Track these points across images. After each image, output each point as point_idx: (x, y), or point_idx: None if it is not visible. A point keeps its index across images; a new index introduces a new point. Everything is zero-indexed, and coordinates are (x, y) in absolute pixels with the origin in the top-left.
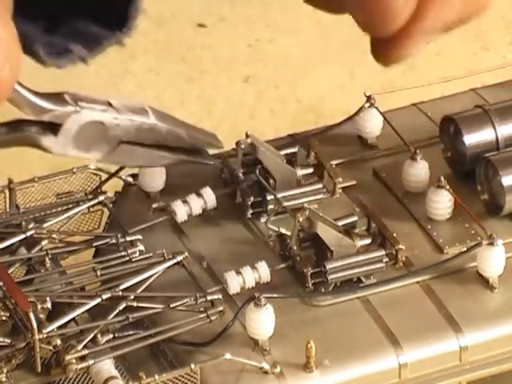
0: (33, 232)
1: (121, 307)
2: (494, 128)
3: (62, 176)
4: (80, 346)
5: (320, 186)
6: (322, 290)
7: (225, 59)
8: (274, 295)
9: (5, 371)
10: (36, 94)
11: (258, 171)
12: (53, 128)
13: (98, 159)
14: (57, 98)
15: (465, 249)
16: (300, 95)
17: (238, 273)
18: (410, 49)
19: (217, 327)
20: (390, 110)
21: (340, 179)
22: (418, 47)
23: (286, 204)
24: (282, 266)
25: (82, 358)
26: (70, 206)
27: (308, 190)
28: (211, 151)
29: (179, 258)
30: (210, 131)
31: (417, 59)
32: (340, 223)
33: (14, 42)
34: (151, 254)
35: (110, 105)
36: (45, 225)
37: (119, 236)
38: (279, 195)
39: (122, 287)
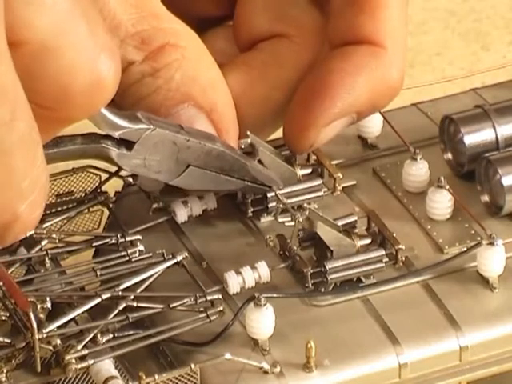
0: (32, 232)
1: (121, 307)
2: (494, 128)
3: (62, 176)
4: (80, 346)
5: (320, 181)
6: (322, 289)
7: None
8: (274, 295)
9: (4, 371)
10: (112, 111)
11: None
12: (126, 145)
13: (166, 181)
14: (131, 116)
15: (465, 249)
16: None
17: (238, 273)
18: (319, 138)
19: (217, 327)
20: (390, 109)
21: (340, 174)
22: (328, 136)
23: (286, 201)
24: (282, 265)
25: (82, 358)
26: (70, 206)
27: (308, 186)
28: None
29: (179, 258)
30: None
31: (417, 59)
32: (340, 223)
33: (115, 44)
34: (151, 254)
35: (181, 128)
36: (44, 225)
37: (119, 236)
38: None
39: (121, 287)
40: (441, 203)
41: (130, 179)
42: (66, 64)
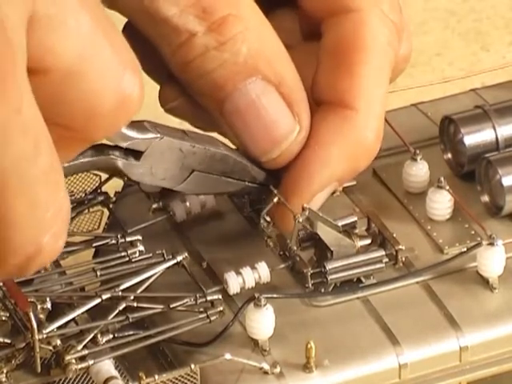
0: None
1: (121, 307)
2: (494, 128)
3: None
4: (80, 346)
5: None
6: (322, 290)
7: None
8: (274, 295)
9: (4, 371)
10: None
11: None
12: (134, 155)
13: (170, 187)
14: (138, 126)
15: (465, 249)
16: None
17: (238, 273)
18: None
19: (217, 327)
20: (390, 110)
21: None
22: (315, 207)
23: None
24: (282, 266)
25: (82, 358)
26: (70, 206)
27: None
28: None
29: (179, 258)
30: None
31: (417, 59)
32: (340, 223)
33: (136, 58)
34: (151, 255)
35: (185, 133)
36: None
37: (119, 236)
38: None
39: (121, 287)
40: (441, 203)
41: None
42: (92, 87)
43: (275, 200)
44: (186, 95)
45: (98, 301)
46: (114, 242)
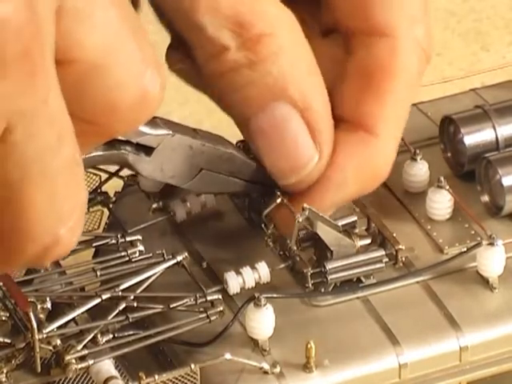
0: None
1: (121, 307)
2: (494, 128)
3: None
4: (80, 346)
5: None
6: (322, 290)
7: None
8: (274, 295)
9: (4, 371)
10: None
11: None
12: (145, 151)
13: (179, 185)
14: (150, 121)
15: (465, 249)
16: None
17: (238, 273)
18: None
19: (217, 327)
20: None
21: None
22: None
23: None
24: (282, 266)
25: (82, 358)
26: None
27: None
28: None
29: (179, 258)
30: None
31: None
32: (340, 223)
33: (157, 57)
34: (151, 254)
35: (196, 132)
36: None
37: (119, 236)
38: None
39: (121, 287)
40: (441, 203)
41: (130, 179)
42: (115, 81)
43: (278, 201)
44: (192, 59)
45: (97, 301)
46: (113, 241)
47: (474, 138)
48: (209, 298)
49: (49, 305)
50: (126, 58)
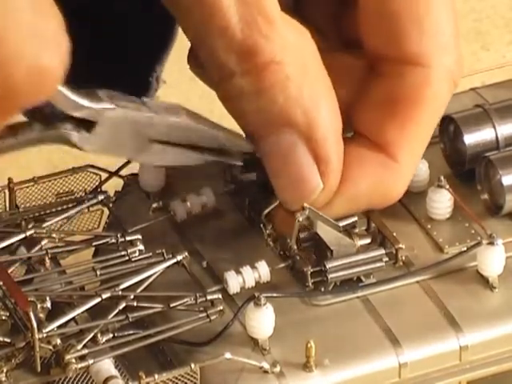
0: (32, 232)
1: (121, 307)
2: (494, 127)
3: (62, 176)
4: (80, 346)
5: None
6: (322, 289)
7: None
8: (274, 295)
9: (4, 371)
10: (72, 89)
11: (258, 170)
12: (86, 125)
13: (128, 158)
14: (91, 94)
15: (465, 248)
16: None
17: (238, 272)
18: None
19: (217, 327)
20: None
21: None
22: None
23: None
24: (282, 265)
25: (82, 358)
26: (70, 205)
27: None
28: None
29: (179, 258)
30: (238, 133)
31: None
32: (340, 223)
33: (64, 33)
34: (151, 254)
35: (143, 104)
36: (44, 224)
37: (119, 235)
38: None
39: (121, 287)
40: (441, 203)
41: (131, 179)
42: (9, 51)
43: (278, 201)
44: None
45: (97, 300)
46: (113, 241)
47: (474, 137)
48: (209, 297)
49: (49, 304)
50: (22, 31)
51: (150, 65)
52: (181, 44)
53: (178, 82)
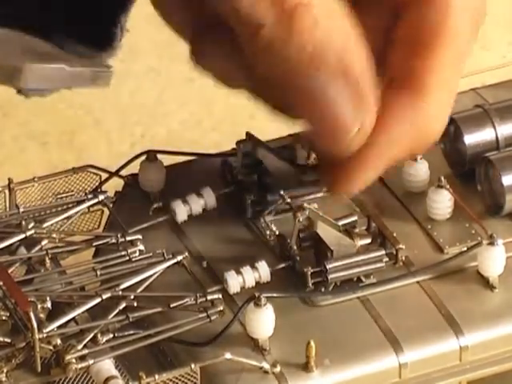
0: (33, 232)
1: (121, 307)
2: (494, 127)
3: (62, 176)
4: (80, 346)
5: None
6: (322, 289)
7: None
8: (274, 295)
9: (5, 371)
10: None
11: (258, 171)
12: None
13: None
14: None
15: (465, 248)
16: None
17: (238, 272)
18: (355, 183)
19: (217, 327)
20: None
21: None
22: (362, 182)
23: (287, 200)
24: (282, 265)
25: (82, 358)
26: (70, 205)
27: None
28: None
29: (179, 258)
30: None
31: None
32: (340, 223)
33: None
34: (151, 254)
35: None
36: (45, 224)
37: (119, 236)
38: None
39: (121, 287)
40: (441, 203)
41: (131, 179)
42: None
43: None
44: (217, 55)
45: (98, 300)
46: (114, 241)
47: (474, 137)
48: (209, 297)
49: (49, 304)
50: None
51: (114, 14)
52: (178, 45)
53: (175, 84)
